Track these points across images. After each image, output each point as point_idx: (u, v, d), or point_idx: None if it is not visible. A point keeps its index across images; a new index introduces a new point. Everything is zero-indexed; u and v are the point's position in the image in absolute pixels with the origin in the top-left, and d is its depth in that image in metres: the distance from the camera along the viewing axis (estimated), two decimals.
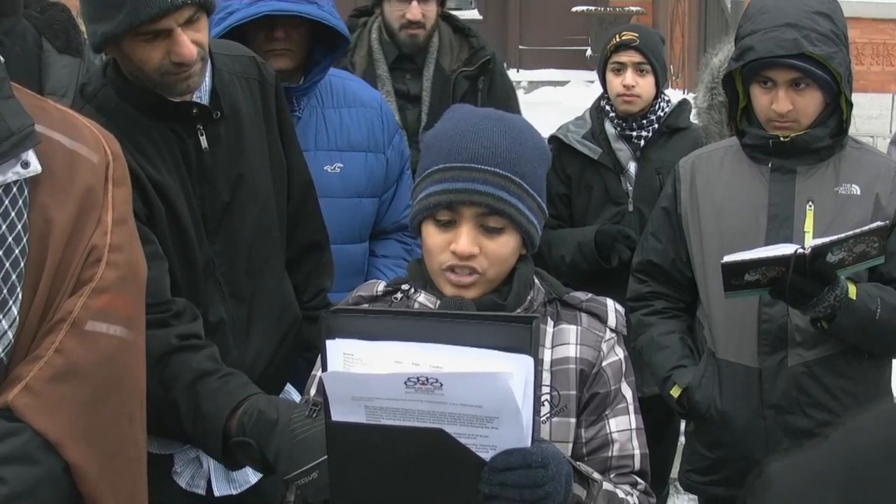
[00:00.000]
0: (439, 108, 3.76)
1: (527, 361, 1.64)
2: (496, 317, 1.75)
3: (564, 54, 11.75)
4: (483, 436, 1.66)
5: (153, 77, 2.31)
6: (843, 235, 2.63)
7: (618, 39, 3.86)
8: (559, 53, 11.77)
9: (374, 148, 3.19)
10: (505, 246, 1.95)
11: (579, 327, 2.02)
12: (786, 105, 2.78)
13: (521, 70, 11.61)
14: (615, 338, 2.04)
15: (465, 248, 1.91)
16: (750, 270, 2.65)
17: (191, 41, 2.27)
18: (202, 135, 2.45)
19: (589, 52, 11.35)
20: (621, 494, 1.92)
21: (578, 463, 1.88)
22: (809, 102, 2.80)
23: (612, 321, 2.04)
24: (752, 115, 2.91)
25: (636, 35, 3.85)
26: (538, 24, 11.89)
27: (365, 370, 1.66)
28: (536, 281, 2.06)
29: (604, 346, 2.01)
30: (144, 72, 2.31)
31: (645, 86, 3.83)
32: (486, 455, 1.67)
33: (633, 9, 11.51)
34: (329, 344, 1.69)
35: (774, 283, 2.66)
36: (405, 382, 1.62)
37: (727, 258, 2.66)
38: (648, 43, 3.85)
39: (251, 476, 2.62)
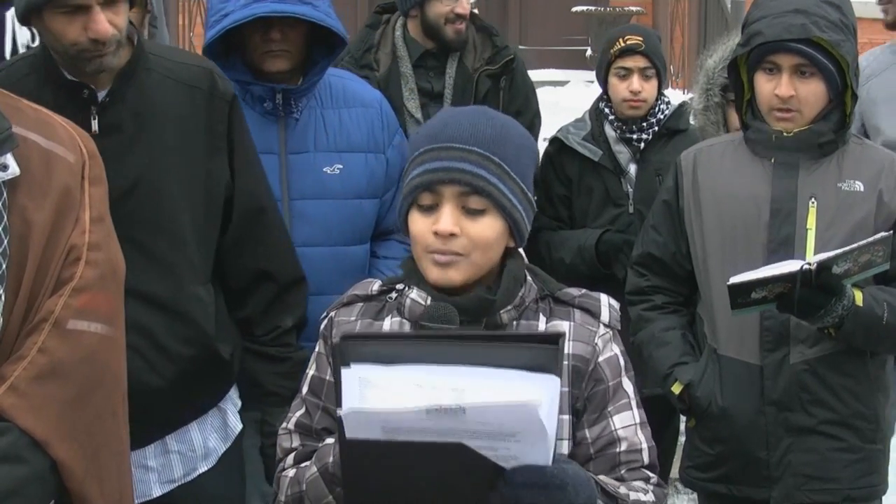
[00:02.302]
0: (461, 106, 3.75)
1: (554, 382, 1.62)
2: (520, 337, 1.75)
3: (564, 54, 11.74)
4: (505, 448, 1.64)
5: (69, 51, 2.38)
6: (847, 248, 2.63)
7: (622, 44, 3.80)
8: (559, 53, 11.76)
9: (374, 148, 3.17)
10: (488, 228, 1.92)
11: (572, 323, 2.00)
12: (788, 90, 2.76)
13: None
14: (610, 333, 2.02)
15: (446, 226, 1.89)
16: (756, 289, 2.64)
17: (107, 21, 2.34)
18: (94, 118, 2.46)
19: (589, 52, 11.34)
20: (643, 497, 1.91)
21: (604, 480, 1.87)
22: (812, 92, 2.78)
23: (605, 316, 2.02)
24: (756, 109, 2.89)
25: (641, 39, 3.81)
26: (538, 24, 11.88)
27: (382, 395, 1.64)
28: (529, 277, 2.04)
29: (599, 342, 1.99)
30: (62, 45, 2.38)
31: (650, 89, 3.81)
32: (507, 465, 1.66)
33: (633, 9, 11.51)
34: (345, 372, 1.66)
35: (781, 298, 2.66)
36: (426, 412, 1.60)
37: (733, 279, 2.66)
38: (652, 46, 3.82)
39: (154, 489, 2.60)
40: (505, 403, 1.58)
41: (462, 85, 3.86)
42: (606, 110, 3.87)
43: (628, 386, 2.01)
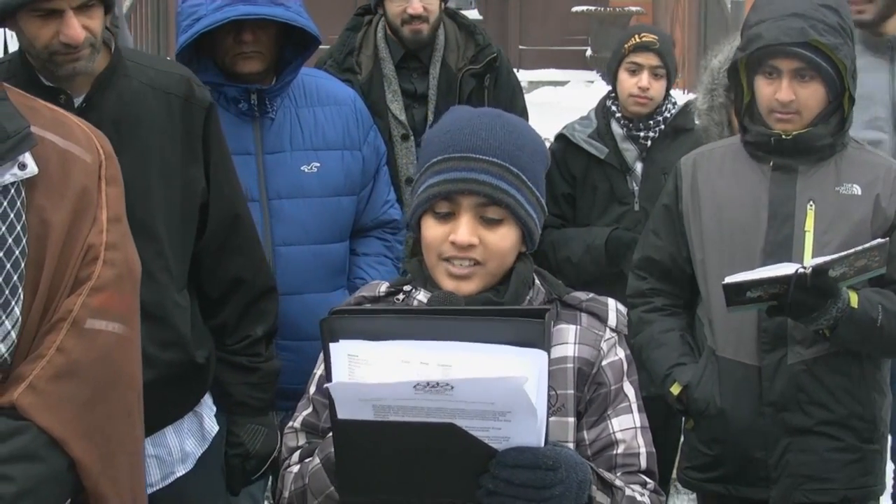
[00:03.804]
0: (445, 106, 3.69)
1: (541, 357, 1.61)
2: (507, 311, 1.72)
3: (564, 54, 11.77)
4: (496, 428, 1.63)
5: (42, 55, 2.39)
6: (843, 253, 2.65)
7: (637, 40, 3.82)
8: (559, 53, 11.79)
9: (350, 145, 3.17)
10: (505, 238, 1.94)
11: (578, 327, 2.00)
12: (788, 94, 2.78)
13: (521, 70, 11.64)
14: (616, 337, 2.02)
15: (464, 238, 1.90)
16: (751, 289, 2.66)
17: (82, 26, 2.35)
18: None
19: (589, 52, 11.36)
20: (639, 498, 1.91)
21: (600, 469, 1.86)
22: (812, 95, 2.80)
23: (612, 321, 2.02)
24: (755, 112, 2.91)
25: (656, 38, 3.83)
26: (538, 24, 11.91)
27: (370, 371, 1.63)
28: (537, 281, 2.04)
29: (604, 346, 1.99)
30: (35, 48, 2.39)
31: (658, 89, 3.82)
32: (499, 446, 1.65)
33: (633, 9, 11.53)
34: (333, 347, 1.65)
35: (777, 298, 2.67)
36: (414, 387, 1.59)
37: (728, 279, 2.68)
38: (666, 47, 3.84)
39: None
40: (491, 378, 1.58)
41: (446, 85, 3.83)
42: (613, 108, 3.87)
43: (630, 390, 2.01)
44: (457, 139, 1.93)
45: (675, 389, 2.95)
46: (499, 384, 1.59)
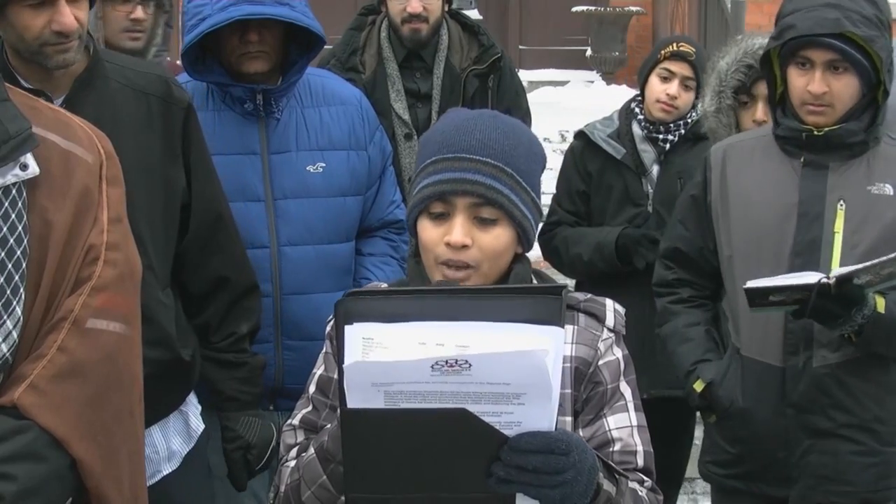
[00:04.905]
0: (449, 106, 3.74)
1: (559, 333, 1.61)
2: (522, 289, 1.72)
3: (564, 54, 11.77)
4: (508, 412, 1.62)
5: (32, 46, 2.39)
6: (869, 263, 2.60)
7: (675, 48, 3.84)
8: (559, 53, 11.78)
9: (355, 146, 3.17)
10: (499, 239, 1.93)
11: (576, 327, 1.99)
12: (821, 87, 2.73)
13: (521, 70, 11.62)
14: (613, 337, 2.01)
15: (457, 238, 1.90)
16: (774, 293, 2.64)
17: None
18: None
19: (589, 52, 11.35)
20: (640, 493, 1.90)
21: (603, 458, 1.85)
22: (845, 87, 2.75)
23: (609, 321, 2.01)
24: (787, 104, 2.86)
25: (694, 50, 3.85)
26: (538, 24, 11.91)
27: (386, 354, 1.61)
28: (535, 281, 2.03)
29: (601, 346, 1.98)
30: (25, 40, 2.39)
31: (686, 100, 3.82)
32: (510, 433, 1.63)
33: (633, 9, 11.52)
34: (347, 330, 1.63)
35: (800, 303, 2.64)
36: (431, 367, 1.57)
37: (750, 284, 2.65)
38: (701, 61, 3.84)
39: None
40: (511, 352, 1.57)
41: (450, 85, 3.86)
42: (637, 110, 3.89)
43: (626, 389, 2.00)
44: (451, 140, 1.93)
45: (699, 386, 2.93)
46: (519, 358, 1.57)
